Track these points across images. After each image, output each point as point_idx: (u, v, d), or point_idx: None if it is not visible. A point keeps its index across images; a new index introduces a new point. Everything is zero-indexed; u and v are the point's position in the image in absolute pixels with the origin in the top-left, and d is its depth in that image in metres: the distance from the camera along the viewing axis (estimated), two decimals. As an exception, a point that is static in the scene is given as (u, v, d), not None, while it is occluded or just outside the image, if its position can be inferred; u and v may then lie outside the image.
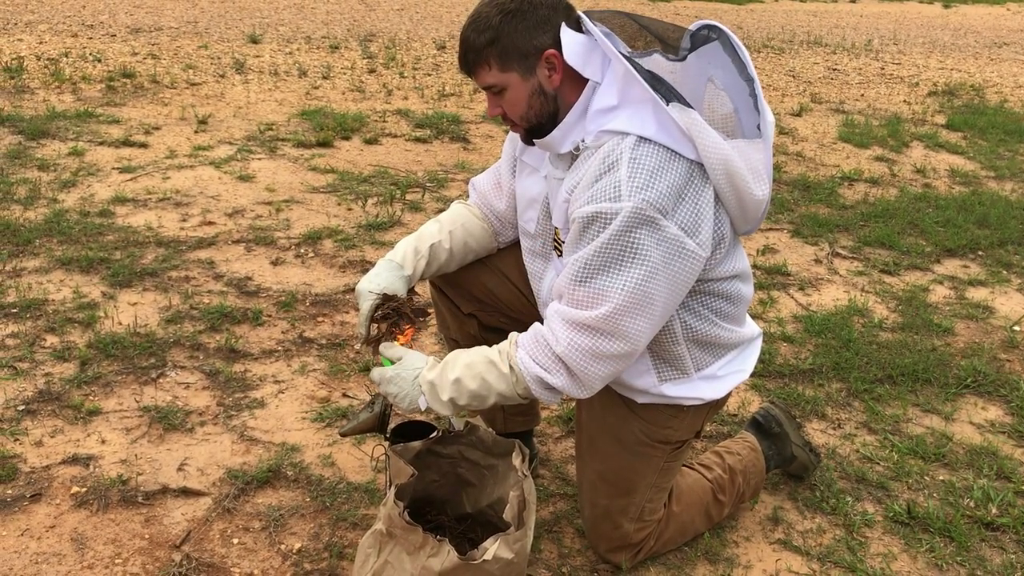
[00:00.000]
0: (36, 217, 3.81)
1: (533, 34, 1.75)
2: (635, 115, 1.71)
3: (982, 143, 6.31)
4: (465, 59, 1.81)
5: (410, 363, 1.85)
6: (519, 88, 1.79)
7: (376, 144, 5.31)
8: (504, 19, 1.74)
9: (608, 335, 1.72)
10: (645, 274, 1.68)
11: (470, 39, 1.77)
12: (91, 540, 2.07)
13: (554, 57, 1.75)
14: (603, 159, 1.70)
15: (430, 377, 1.82)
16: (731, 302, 1.91)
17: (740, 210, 1.81)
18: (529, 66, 1.77)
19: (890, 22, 13.32)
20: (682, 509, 2.13)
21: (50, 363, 2.76)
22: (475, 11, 1.78)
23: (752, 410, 2.75)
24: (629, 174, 1.66)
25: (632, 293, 1.69)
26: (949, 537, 2.26)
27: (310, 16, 9.90)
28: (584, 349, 1.73)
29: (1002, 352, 3.26)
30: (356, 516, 2.19)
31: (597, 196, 1.68)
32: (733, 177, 1.73)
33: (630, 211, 1.64)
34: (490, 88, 1.81)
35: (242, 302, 3.22)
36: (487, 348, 1.85)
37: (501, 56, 1.76)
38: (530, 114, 1.81)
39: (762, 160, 1.78)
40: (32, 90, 5.93)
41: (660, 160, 1.68)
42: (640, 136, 1.69)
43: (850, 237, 4.31)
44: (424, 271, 2.08)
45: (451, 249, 2.11)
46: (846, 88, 8.05)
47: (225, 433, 2.50)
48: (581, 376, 1.77)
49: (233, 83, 6.53)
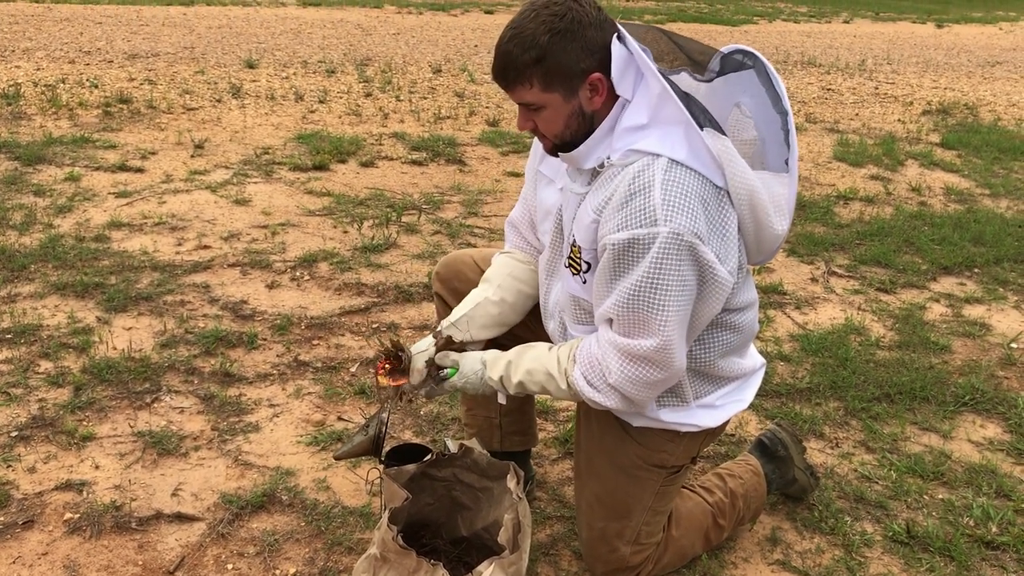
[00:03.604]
0: (31, 242, 3.81)
1: (581, 56, 1.67)
2: (666, 136, 1.68)
3: (976, 161, 6.33)
4: (504, 74, 1.72)
5: (469, 368, 1.94)
6: (559, 109, 1.73)
7: (372, 167, 5.32)
8: (553, 39, 1.65)
9: (659, 365, 1.74)
10: (687, 300, 1.68)
11: (512, 54, 1.68)
12: (84, 567, 2.05)
13: (599, 81, 1.70)
14: (633, 179, 1.66)
15: (496, 377, 1.92)
16: (738, 334, 1.90)
17: (757, 242, 1.80)
18: (572, 88, 1.71)
19: (883, 42, 13.41)
20: (681, 534, 2.10)
21: (44, 388, 2.74)
22: (518, 24, 1.69)
23: (749, 430, 2.74)
24: (663, 198, 1.63)
25: (680, 321, 1.69)
26: (949, 556, 2.24)
27: (307, 41, 9.96)
28: (637, 380, 1.76)
29: (1000, 369, 3.25)
30: (351, 540, 2.18)
31: (631, 221, 1.65)
32: (756, 209, 1.72)
33: (667, 236, 1.62)
34: (528, 105, 1.75)
35: (237, 326, 3.21)
36: (547, 354, 1.89)
37: (545, 76, 1.69)
38: (566, 133, 1.77)
39: (785, 195, 1.76)
40: (29, 116, 5.95)
41: (693, 185, 1.65)
42: (671, 159, 1.66)
43: (846, 256, 4.31)
44: (479, 328, 2.05)
45: (503, 299, 2.06)
46: (840, 108, 8.09)
47: (220, 458, 2.48)
48: (634, 400, 1.80)
49: (229, 108, 6.55)
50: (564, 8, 1.67)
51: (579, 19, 1.67)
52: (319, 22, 11.66)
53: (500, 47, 1.71)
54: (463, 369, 1.94)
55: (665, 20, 14.17)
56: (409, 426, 2.67)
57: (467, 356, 1.96)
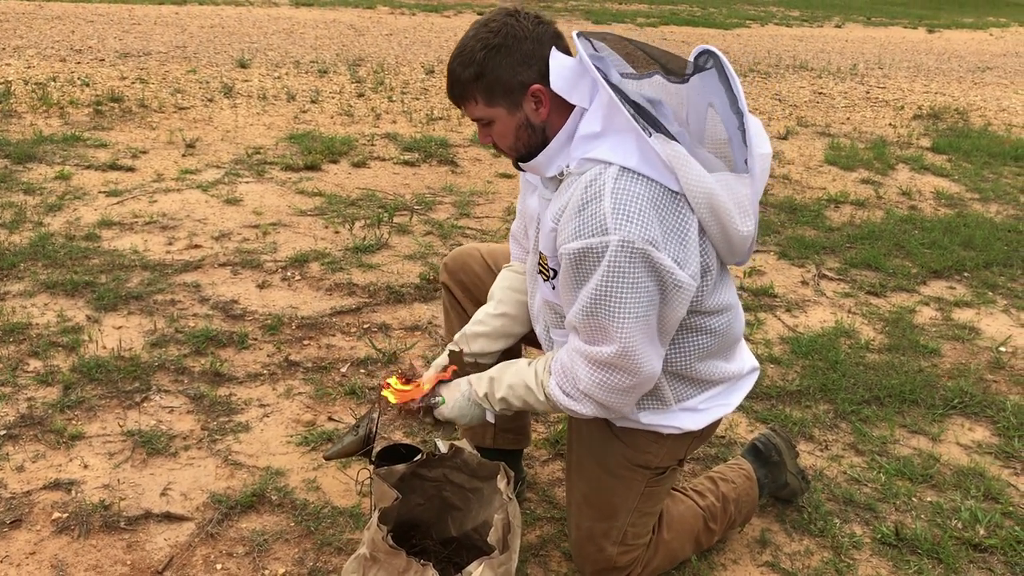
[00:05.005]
0: (21, 241, 3.79)
1: (518, 70, 1.72)
2: (618, 144, 1.69)
3: (967, 166, 6.36)
4: (451, 92, 1.80)
5: (456, 392, 1.96)
6: (506, 121, 1.78)
7: (364, 167, 5.32)
8: (488, 54, 1.71)
9: (625, 370, 1.75)
10: (646, 306, 1.69)
11: (456, 72, 1.76)
12: (72, 567, 2.04)
13: (540, 92, 1.74)
14: (585, 188, 1.68)
15: (481, 393, 1.93)
16: (714, 337, 1.88)
17: (726, 243, 1.79)
18: (515, 101, 1.75)
19: (875, 47, 13.46)
20: (672, 537, 2.11)
21: (33, 387, 2.73)
22: (461, 42, 1.76)
23: (739, 432, 2.75)
24: (613, 206, 1.64)
25: (641, 328, 1.70)
26: (937, 559, 2.25)
27: (299, 41, 9.94)
28: (605, 385, 1.77)
29: (988, 373, 3.26)
30: (341, 541, 2.17)
31: (583, 230, 1.66)
32: (718, 211, 1.71)
33: (618, 244, 1.63)
34: (478, 120, 1.81)
35: (228, 325, 3.20)
36: (526, 368, 1.90)
37: (486, 91, 1.75)
38: (518, 144, 1.81)
39: (748, 195, 1.76)
40: (19, 114, 5.93)
41: (643, 191, 1.66)
42: (623, 166, 1.67)
43: (836, 259, 4.32)
44: (483, 339, 2.09)
45: (505, 313, 2.09)
46: (832, 112, 8.11)
47: (209, 457, 2.47)
48: (609, 406, 1.81)
49: (221, 107, 6.54)
50: (500, 24, 1.73)
51: (514, 33, 1.71)
52: (312, 22, 11.64)
53: (448, 66, 1.79)
54: (450, 397, 1.96)
55: (658, 23, 14.21)
56: (400, 427, 2.67)
57: (452, 385, 1.99)
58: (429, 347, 3.15)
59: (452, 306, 2.30)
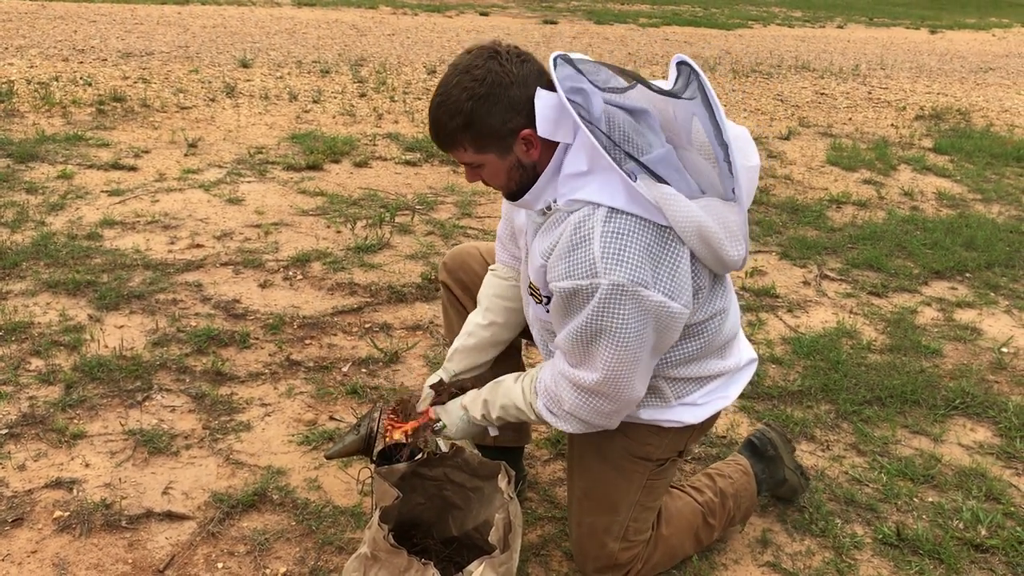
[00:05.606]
0: (23, 240, 3.79)
1: (507, 117, 1.69)
2: (606, 184, 1.68)
3: (969, 166, 6.35)
4: (437, 139, 1.76)
5: (455, 417, 2.02)
6: (497, 165, 1.77)
7: (366, 167, 5.32)
8: (475, 105, 1.67)
9: (607, 396, 1.79)
10: (632, 340, 1.70)
11: (441, 121, 1.71)
12: (73, 565, 2.04)
13: (531, 136, 1.72)
14: (575, 229, 1.68)
15: (479, 416, 1.99)
16: (704, 340, 1.90)
17: (719, 265, 1.79)
18: (506, 146, 1.74)
19: (877, 47, 13.45)
20: (671, 532, 2.11)
21: (35, 386, 2.74)
22: (443, 90, 1.70)
23: (741, 432, 2.75)
24: (602, 250, 1.65)
25: (622, 360, 1.72)
26: (938, 559, 2.25)
27: (301, 41, 9.95)
28: (589, 408, 1.81)
29: (990, 373, 3.26)
30: (342, 540, 2.17)
31: (573, 272, 1.68)
32: (708, 240, 1.71)
33: (607, 288, 1.65)
34: (467, 164, 1.80)
35: (229, 325, 3.20)
36: (513, 387, 1.95)
37: (476, 140, 1.72)
38: (510, 184, 1.81)
39: (737, 221, 1.75)
40: (22, 114, 5.93)
41: (634, 232, 1.66)
42: (611, 207, 1.67)
43: (838, 259, 4.32)
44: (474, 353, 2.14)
45: (493, 322, 2.12)
46: (834, 112, 8.11)
47: (211, 456, 2.48)
48: (593, 424, 1.86)
49: (223, 107, 6.54)
50: (484, 72, 1.67)
51: (499, 81, 1.67)
52: (314, 22, 11.64)
53: (431, 112, 1.74)
54: (449, 422, 2.03)
55: (660, 23, 14.20)
56: (401, 426, 2.67)
57: (448, 408, 2.05)
58: (430, 347, 3.16)
59: (451, 304, 2.31)
